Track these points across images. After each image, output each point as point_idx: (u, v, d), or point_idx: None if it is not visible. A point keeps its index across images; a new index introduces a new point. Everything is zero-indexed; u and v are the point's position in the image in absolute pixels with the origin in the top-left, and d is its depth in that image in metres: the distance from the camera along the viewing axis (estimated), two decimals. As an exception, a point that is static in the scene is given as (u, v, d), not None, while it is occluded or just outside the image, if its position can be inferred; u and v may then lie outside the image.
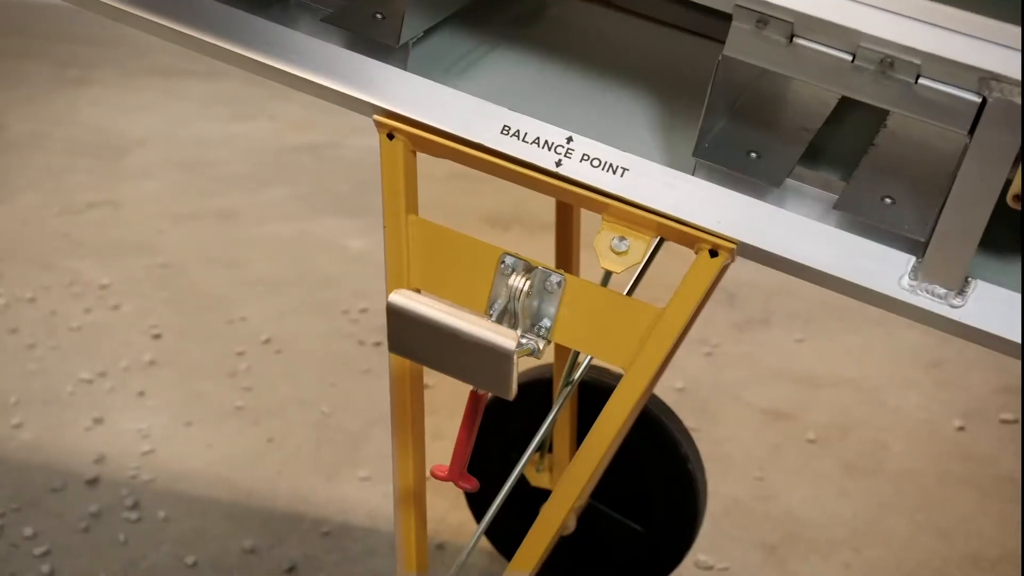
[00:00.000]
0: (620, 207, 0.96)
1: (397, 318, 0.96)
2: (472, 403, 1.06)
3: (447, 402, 1.92)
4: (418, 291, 1.06)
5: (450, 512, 1.78)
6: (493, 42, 1.12)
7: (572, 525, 1.47)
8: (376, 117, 1.03)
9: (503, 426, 1.56)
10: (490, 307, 1.02)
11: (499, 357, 0.94)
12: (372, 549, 1.74)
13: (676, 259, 1.04)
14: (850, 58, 0.85)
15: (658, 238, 0.99)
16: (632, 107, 1.05)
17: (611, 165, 0.97)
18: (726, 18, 0.88)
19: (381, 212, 1.06)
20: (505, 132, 1.00)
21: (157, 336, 2.13)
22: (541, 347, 1.01)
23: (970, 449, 1.98)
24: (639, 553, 1.55)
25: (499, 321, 1.01)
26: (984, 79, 0.81)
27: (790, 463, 1.94)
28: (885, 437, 2.00)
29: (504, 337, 0.93)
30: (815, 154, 0.99)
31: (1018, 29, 0.83)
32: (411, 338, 0.97)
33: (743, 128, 0.98)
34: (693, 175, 0.97)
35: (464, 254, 1.03)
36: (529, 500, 1.43)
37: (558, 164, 0.98)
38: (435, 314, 0.94)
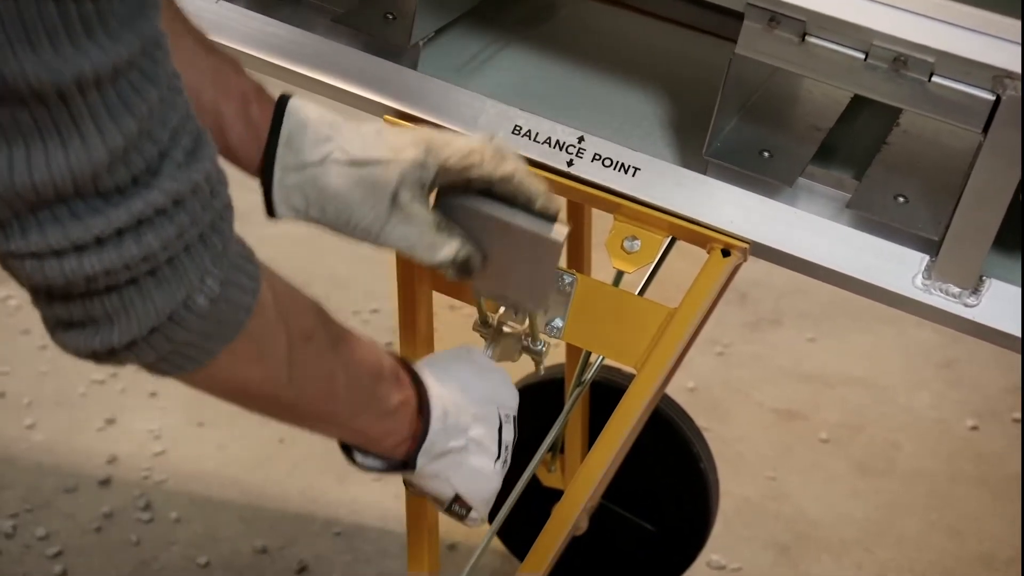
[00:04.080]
0: (632, 207, 0.96)
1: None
2: None
3: (458, 402, 1.92)
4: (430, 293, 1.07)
5: (461, 512, 1.78)
6: (504, 42, 1.12)
7: (584, 525, 1.47)
8: (387, 117, 1.02)
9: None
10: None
11: (547, 246, 0.87)
12: (384, 550, 1.74)
13: (688, 259, 1.04)
14: (863, 56, 0.85)
15: (670, 238, 0.99)
16: (643, 106, 1.05)
17: (623, 165, 0.97)
18: (738, 17, 0.88)
19: (392, 212, 1.06)
20: (516, 132, 1.00)
21: (168, 337, 2.14)
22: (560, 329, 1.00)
23: (982, 449, 1.97)
24: (651, 553, 1.55)
25: (511, 319, 1.01)
26: (998, 77, 0.81)
27: (802, 463, 1.94)
28: (897, 437, 2.00)
29: (554, 227, 0.86)
30: (827, 153, 0.98)
31: (1031, 26, 0.83)
32: None
33: (755, 127, 0.98)
34: (705, 174, 0.96)
35: (475, 254, 1.03)
36: (541, 500, 1.43)
37: (569, 164, 0.98)
38: (480, 202, 0.88)
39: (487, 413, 0.90)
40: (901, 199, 0.93)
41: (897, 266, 0.91)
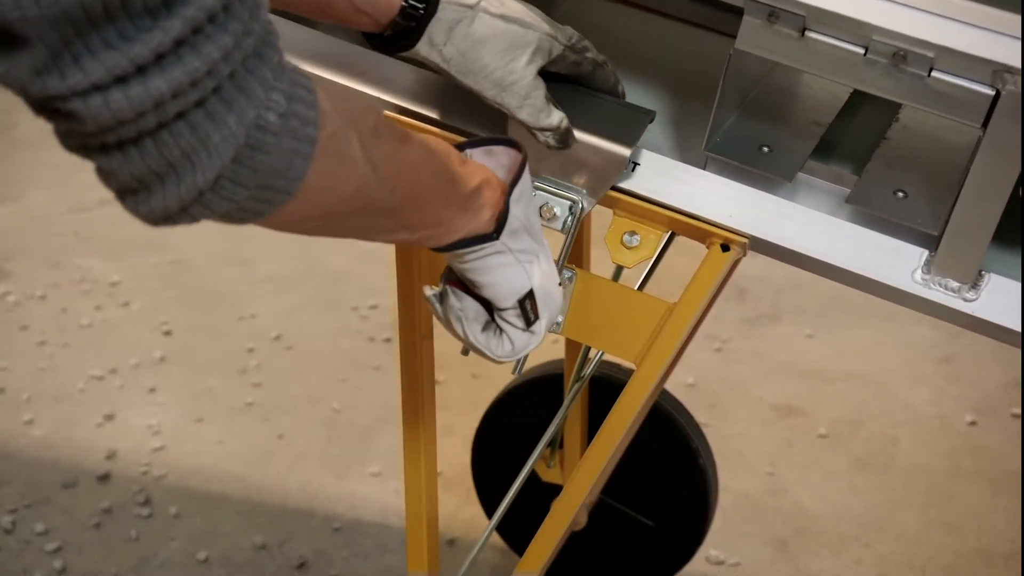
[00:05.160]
0: (631, 202, 0.96)
1: None
2: None
3: (457, 398, 1.92)
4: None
5: (461, 508, 1.78)
6: (503, 37, 1.12)
7: (583, 521, 1.47)
8: (387, 114, 1.02)
9: (514, 422, 1.56)
10: (501, 302, 1.02)
11: (646, 118, 0.97)
12: (383, 545, 1.74)
13: (687, 254, 1.04)
14: (862, 51, 0.85)
15: (669, 233, 0.99)
16: (643, 102, 1.05)
17: (622, 160, 0.97)
18: (737, 12, 0.88)
19: (391, 208, 1.06)
20: (516, 127, 0.99)
21: (167, 333, 2.13)
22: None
23: (981, 444, 1.98)
24: (650, 549, 1.55)
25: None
26: (997, 72, 0.81)
27: (801, 458, 1.94)
28: (896, 432, 2.00)
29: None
30: (827, 148, 0.98)
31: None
32: None
33: (754, 122, 0.98)
34: (704, 169, 0.96)
35: (475, 249, 1.03)
36: (540, 496, 1.43)
37: (569, 159, 0.98)
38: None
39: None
40: (900, 194, 0.93)
41: (896, 261, 0.91)
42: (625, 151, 0.94)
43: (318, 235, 0.76)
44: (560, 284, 0.94)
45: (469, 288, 0.92)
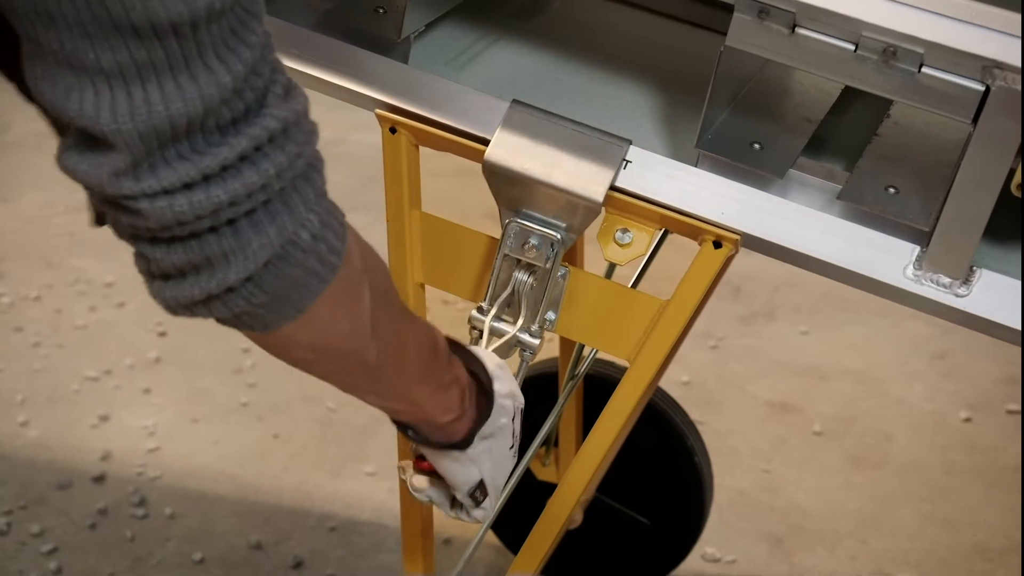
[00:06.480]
0: (623, 199, 0.96)
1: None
2: None
3: (452, 397, 1.92)
4: (422, 286, 1.07)
5: (456, 507, 1.78)
6: (495, 35, 1.12)
7: (578, 518, 1.47)
8: (378, 111, 1.02)
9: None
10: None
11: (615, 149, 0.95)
12: (379, 544, 1.74)
13: (681, 251, 1.04)
14: (853, 48, 0.85)
15: (662, 230, 0.99)
16: (634, 99, 1.05)
17: (614, 157, 0.97)
18: (728, 9, 0.88)
19: (384, 207, 1.06)
20: (508, 125, 0.99)
21: (162, 334, 2.13)
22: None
23: (976, 440, 1.98)
24: (646, 546, 1.55)
25: (503, 313, 1.01)
26: (987, 67, 0.81)
27: (796, 455, 1.94)
28: (891, 429, 2.00)
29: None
30: (818, 144, 0.99)
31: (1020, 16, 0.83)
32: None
33: (746, 119, 0.98)
34: (696, 167, 0.96)
35: (468, 247, 1.03)
36: (535, 494, 1.43)
37: (561, 157, 0.98)
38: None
39: (508, 402, 0.94)
40: (892, 190, 0.93)
41: (888, 257, 0.91)
42: (600, 190, 0.95)
43: (300, 368, 0.79)
44: (512, 447, 0.96)
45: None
